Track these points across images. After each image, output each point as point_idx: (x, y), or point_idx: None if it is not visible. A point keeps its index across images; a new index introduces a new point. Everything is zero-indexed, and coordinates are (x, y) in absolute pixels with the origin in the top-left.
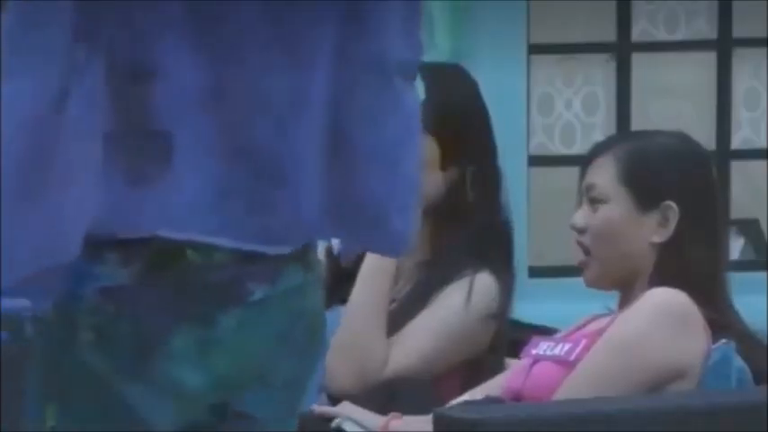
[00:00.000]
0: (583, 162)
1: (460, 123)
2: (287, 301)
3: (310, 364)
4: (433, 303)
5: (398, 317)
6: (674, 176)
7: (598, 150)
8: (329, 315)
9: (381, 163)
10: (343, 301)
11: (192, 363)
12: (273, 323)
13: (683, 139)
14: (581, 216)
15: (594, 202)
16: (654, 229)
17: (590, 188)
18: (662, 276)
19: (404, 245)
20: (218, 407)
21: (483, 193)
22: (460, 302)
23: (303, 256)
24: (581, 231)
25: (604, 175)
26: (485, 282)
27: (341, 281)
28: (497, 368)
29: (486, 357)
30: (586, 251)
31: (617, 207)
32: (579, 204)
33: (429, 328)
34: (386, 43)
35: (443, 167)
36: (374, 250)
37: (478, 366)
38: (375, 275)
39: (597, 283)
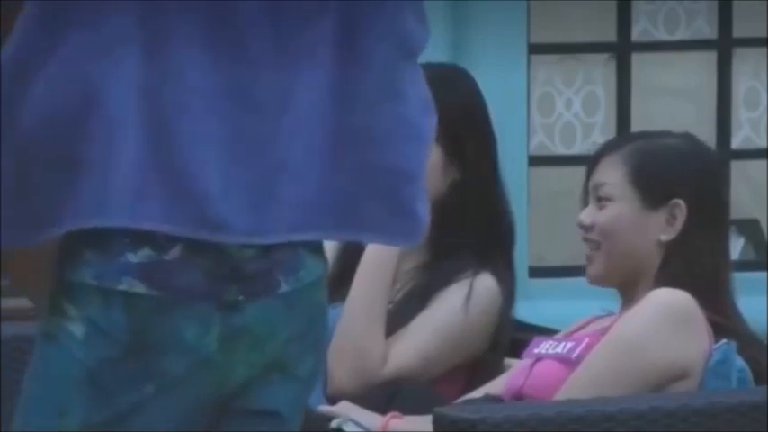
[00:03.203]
0: (590, 161)
1: (462, 125)
2: (309, 293)
3: (324, 359)
4: (434, 304)
5: (396, 318)
6: (681, 175)
7: (605, 150)
8: (333, 312)
9: (406, 140)
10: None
11: (218, 352)
12: (299, 315)
13: (691, 139)
14: (587, 214)
15: (602, 200)
16: (662, 228)
17: (597, 187)
18: (667, 276)
19: (423, 233)
20: (242, 398)
21: (484, 195)
22: (461, 303)
23: (320, 247)
24: (588, 229)
25: (612, 173)
26: (485, 283)
27: (346, 276)
28: (497, 369)
29: (487, 358)
30: (595, 246)
31: (624, 205)
32: (585, 203)
33: (429, 328)
34: (403, 19)
35: (444, 169)
36: (393, 239)
37: (479, 367)
38: (374, 272)
39: (601, 280)
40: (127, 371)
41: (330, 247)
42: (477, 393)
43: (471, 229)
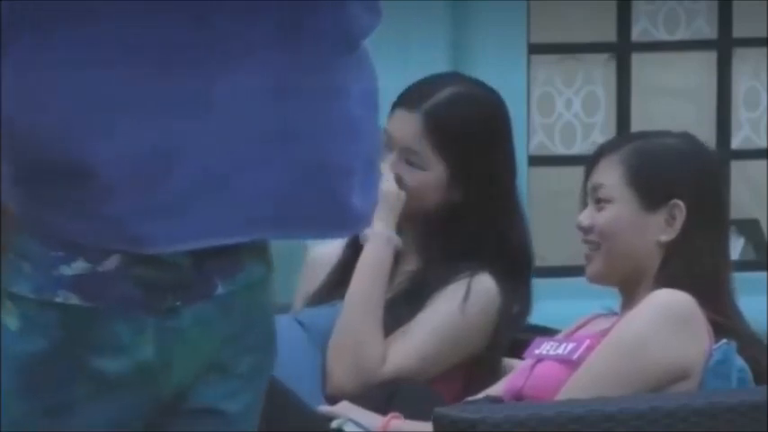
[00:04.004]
0: (588, 162)
1: (472, 145)
2: (248, 295)
3: (272, 358)
4: (432, 304)
5: (393, 318)
6: (680, 175)
7: (604, 150)
8: (332, 310)
9: (343, 135)
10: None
11: (154, 355)
12: (236, 317)
13: (690, 139)
14: (586, 215)
15: (600, 201)
16: (661, 228)
17: (596, 188)
18: (667, 276)
19: (362, 225)
20: (181, 399)
21: (485, 214)
22: (459, 303)
23: (263, 250)
24: (587, 231)
25: (611, 175)
26: (483, 283)
27: (346, 276)
28: (496, 368)
29: (485, 358)
30: (595, 247)
31: (623, 207)
32: (584, 204)
33: (427, 328)
34: (346, 11)
35: (444, 185)
36: (328, 232)
37: (477, 367)
38: (372, 272)
39: (600, 279)
40: (59, 369)
41: (332, 247)
42: (478, 396)
43: (470, 231)
